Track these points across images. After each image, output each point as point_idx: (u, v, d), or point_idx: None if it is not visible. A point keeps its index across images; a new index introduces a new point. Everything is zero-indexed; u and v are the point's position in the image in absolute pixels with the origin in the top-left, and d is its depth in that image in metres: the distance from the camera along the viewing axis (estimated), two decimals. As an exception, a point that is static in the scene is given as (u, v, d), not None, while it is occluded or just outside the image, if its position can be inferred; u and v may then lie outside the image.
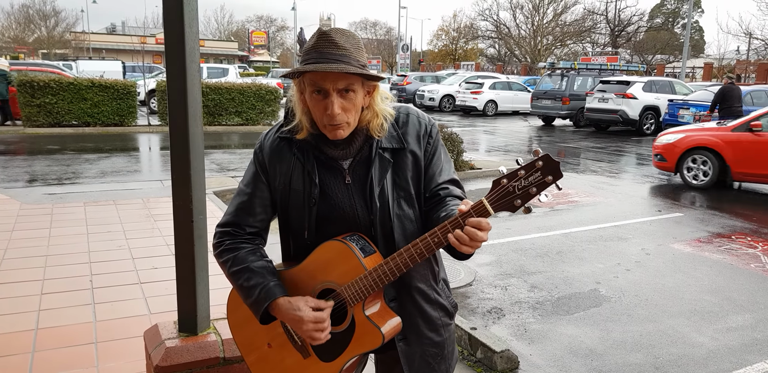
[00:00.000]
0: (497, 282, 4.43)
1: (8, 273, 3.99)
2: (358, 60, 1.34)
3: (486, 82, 21.96)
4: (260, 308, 1.42)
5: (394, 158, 1.45)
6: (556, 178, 1.20)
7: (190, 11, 2.10)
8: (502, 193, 1.24)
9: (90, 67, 21.60)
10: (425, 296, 1.51)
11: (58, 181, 7.52)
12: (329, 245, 1.41)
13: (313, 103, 1.36)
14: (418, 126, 1.49)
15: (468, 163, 9.04)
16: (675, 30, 47.53)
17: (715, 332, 3.62)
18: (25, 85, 12.37)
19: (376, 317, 1.40)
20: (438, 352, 1.55)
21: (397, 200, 1.45)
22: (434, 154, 1.50)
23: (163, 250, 4.63)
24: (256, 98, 14.74)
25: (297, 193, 1.46)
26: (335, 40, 1.33)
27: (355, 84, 1.35)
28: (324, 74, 1.31)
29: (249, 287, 1.44)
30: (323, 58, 1.31)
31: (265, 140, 1.52)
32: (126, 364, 2.82)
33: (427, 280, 1.52)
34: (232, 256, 1.48)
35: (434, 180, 1.49)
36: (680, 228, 6.10)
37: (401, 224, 1.45)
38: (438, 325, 1.54)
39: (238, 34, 63.94)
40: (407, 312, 1.49)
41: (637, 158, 11.69)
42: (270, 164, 1.49)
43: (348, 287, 1.39)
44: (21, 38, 51.96)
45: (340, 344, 1.42)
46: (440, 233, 1.28)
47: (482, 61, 51.44)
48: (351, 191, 1.45)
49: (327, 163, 1.45)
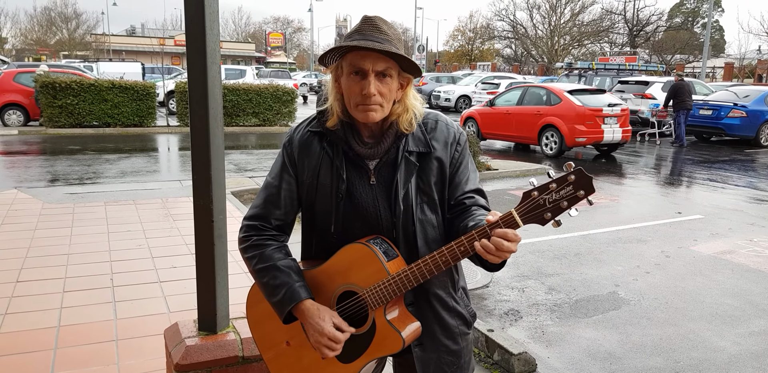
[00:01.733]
0: (514, 284, 4.41)
1: (31, 271, 4.07)
2: (397, 47, 1.36)
3: (502, 83, 21.83)
4: (285, 309, 1.43)
5: (419, 162, 1.45)
6: (588, 193, 1.20)
7: (211, 13, 2.12)
8: (533, 205, 1.24)
9: (110, 68, 21.89)
10: (443, 304, 1.51)
11: (79, 181, 7.64)
12: (352, 248, 1.41)
13: (350, 84, 1.37)
14: (447, 133, 1.49)
15: (484, 164, 9.01)
16: (695, 29, 46.86)
17: (737, 336, 3.56)
18: (47, 87, 12.59)
19: (396, 322, 1.40)
20: (454, 360, 1.54)
21: (420, 205, 1.45)
22: (461, 162, 1.49)
23: (182, 249, 4.68)
24: (273, 99, 14.85)
25: (324, 187, 1.46)
26: (379, 26, 1.36)
27: (392, 69, 1.37)
28: (364, 54, 1.33)
29: (275, 285, 1.44)
30: (366, 39, 1.33)
31: (295, 134, 1.52)
32: (146, 361, 2.85)
33: (446, 287, 1.52)
34: (259, 253, 1.48)
35: (460, 188, 1.48)
36: (701, 230, 6.01)
37: (423, 229, 1.45)
38: (455, 333, 1.53)
39: (255, 35, 64.42)
40: (424, 318, 1.49)
41: (655, 160, 11.54)
42: (299, 158, 1.49)
43: (370, 290, 1.39)
44: (43, 40, 52.92)
45: (360, 347, 1.42)
46: (466, 242, 1.28)
47: (498, 62, 51.17)
48: (375, 191, 1.45)
49: (354, 161, 1.45)
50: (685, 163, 10.98)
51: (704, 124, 14.01)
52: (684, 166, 10.64)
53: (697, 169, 10.19)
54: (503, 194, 7.68)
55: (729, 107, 13.49)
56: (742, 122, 13.35)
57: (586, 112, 10.49)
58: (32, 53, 44.82)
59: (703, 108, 13.98)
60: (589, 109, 10.58)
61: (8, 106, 13.47)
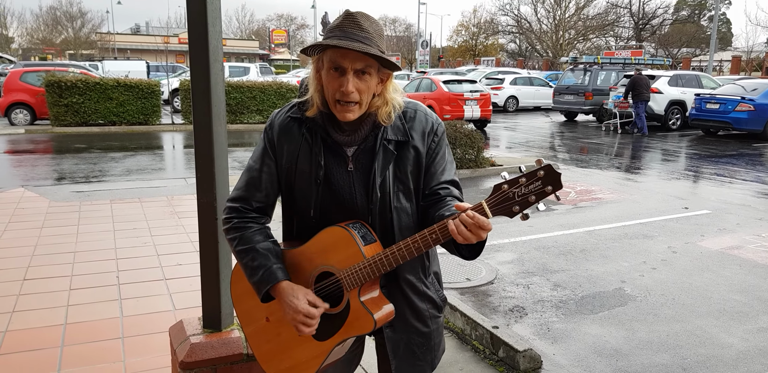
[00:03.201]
0: (519, 280, 4.39)
1: (38, 269, 4.09)
2: (378, 46, 1.38)
3: (507, 78, 21.77)
4: (262, 289, 1.47)
5: (397, 151, 1.48)
6: (556, 188, 1.23)
7: (213, 10, 2.12)
8: (502, 198, 1.27)
9: (115, 67, 21.98)
10: (413, 288, 1.56)
11: (85, 179, 7.67)
12: (332, 231, 1.45)
13: (329, 79, 1.39)
14: (425, 123, 1.52)
15: (489, 159, 8.97)
16: (701, 22, 46.46)
17: (745, 332, 3.54)
18: (53, 86, 12.64)
19: (370, 303, 1.45)
20: (424, 342, 1.60)
21: (397, 193, 1.49)
22: (438, 152, 1.52)
23: (188, 246, 4.69)
24: (276, 96, 14.86)
25: (303, 173, 1.49)
26: (360, 23, 1.37)
27: (371, 67, 1.39)
28: (344, 52, 1.35)
29: (253, 267, 1.48)
30: (346, 37, 1.34)
31: (275, 119, 1.55)
32: (152, 359, 2.86)
33: (416, 272, 1.56)
34: (239, 235, 1.52)
35: (435, 178, 1.52)
36: (708, 226, 5.97)
37: (398, 217, 1.49)
38: (425, 316, 1.59)
39: (259, 32, 64.41)
40: (395, 301, 1.53)
41: (662, 154, 11.47)
42: (278, 142, 1.52)
43: (346, 272, 1.43)
44: (49, 39, 53.16)
45: (334, 326, 1.47)
46: (438, 230, 1.32)
47: (503, 57, 50.99)
48: (353, 178, 1.49)
49: (332, 147, 1.49)
50: (690, 158, 10.92)
51: (711, 118, 13.90)
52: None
53: (704, 164, 10.13)
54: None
55: (736, 101, 13.38)
56: (749, 116, 13.23)
57: (451, 97, 14.40)
58: (38, 52, 45.02)
59: (710, 102, 13.87)
60: (453, 94, 14.50)
61: (15, 106, 13.54)
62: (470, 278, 4.35)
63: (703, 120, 14.07)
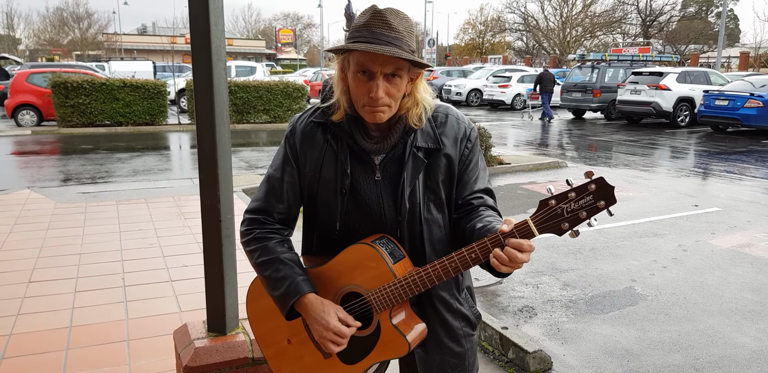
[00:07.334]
0: (528, 280, 4.34)
1: (43, 271, 4.08)
2: (409, 45, 1.27)
3: (514, 76, 21.63)
4: (288, 302, 1.36)
5: (428, 159, 1.38)
6: (609, 203, 1.14)
7: (215, 9, 2.08)
8: (550, 215, 1.17)
9: (122, 67, 22.01)
10: (447, 306, 1.46)
11: (91, 180, 7.68)
12: (356, 248, 1.36)
13: (357, 83, 1.29)
14: (457, 128, 1.42)
15: (497, 158, 8.91)
16: (709, 19, 46.08)
17: (758, 332, 3.47)
18: (60, 87, 12.68)
19: (402, 325, 1.36)
20: (458, 363, 1.50)
21: (427, 204, 1.39)
22: (471, 159, 1.42)
23: (194, 248, 4.67)
24: (283, 96, 14.84)
25: (327, 181, 1.39)
26: (389, 21, 1.25)
27: (402, 69, 1.28)
28: (373, 56, 1.23)
29: (278, 278, 1.38)
30: (375, 39, 1.23)
31: (297, 124, 1.44)
32: (157, 362, 2.84)
33: (449, 289, 1.46)
34: (261, 245, 1.42)
35: (468, 187, 1.42)
36: (718, 223, 5.89)
37: (429, 229, 1.39)
38: (459, 335, 1.49)
39: (266, 32, 64.49)
40: (427, 320, 1.44)
41: (671, 151, 11.36)
42: (301, 149, 1.42)
43: (375, 293, 1.34)
44: (56, 40, 53.48)
45: (364, 349, 1.38)
46: (478, 249, 1.22)
47: (510, 55, 50.75)
48: (380, 188, 1.39)
49: (359, 155, 1.39)
50: (700, 155, 10.81)
51: (720, 115, 13.76)
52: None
53: (714, 161, 10.02)
54: (516, 188, 7.58)
55: (745, 97, 13.23)
56: (758, 112, 13.08)
57: None
58: (45, 53, 45.28)
59: (719, 98, 13.72)
60: None
61: (21, 107, 13.60)
62: (479, 278, 4.30)
63: (712, 117, 13.93)
